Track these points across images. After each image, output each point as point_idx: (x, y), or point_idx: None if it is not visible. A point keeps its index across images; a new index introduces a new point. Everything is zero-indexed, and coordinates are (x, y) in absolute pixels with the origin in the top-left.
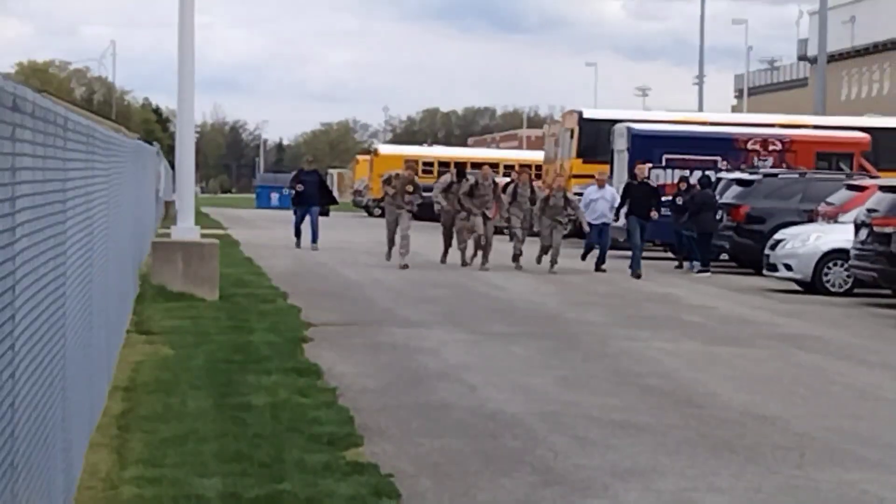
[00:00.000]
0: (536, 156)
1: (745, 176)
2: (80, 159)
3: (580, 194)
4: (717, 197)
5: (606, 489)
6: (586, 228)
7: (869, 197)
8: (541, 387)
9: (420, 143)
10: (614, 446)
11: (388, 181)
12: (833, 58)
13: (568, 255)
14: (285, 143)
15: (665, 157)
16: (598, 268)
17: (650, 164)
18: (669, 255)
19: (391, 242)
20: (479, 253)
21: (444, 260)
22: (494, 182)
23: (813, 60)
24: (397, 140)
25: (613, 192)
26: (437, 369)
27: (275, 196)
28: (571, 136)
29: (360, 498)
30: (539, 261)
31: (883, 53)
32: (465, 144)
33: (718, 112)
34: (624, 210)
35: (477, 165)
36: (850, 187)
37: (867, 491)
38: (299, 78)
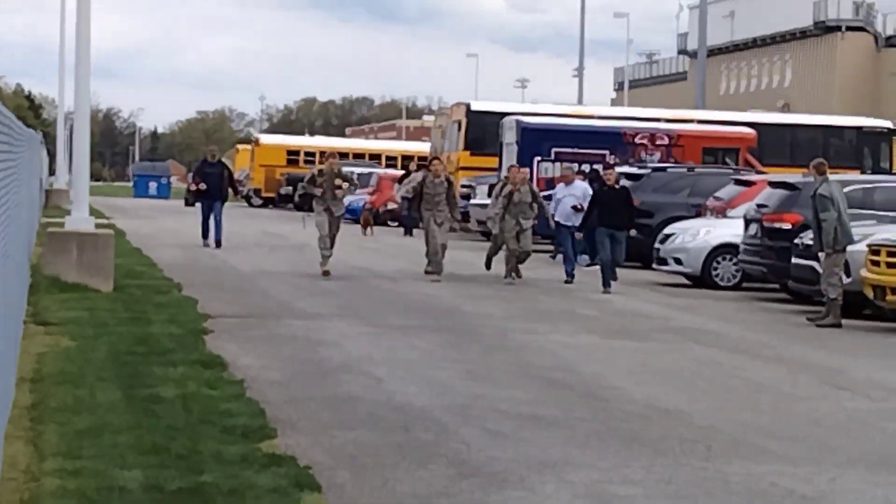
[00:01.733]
0: (417, 147)
1: (634, 170)
2: (4, 150)
3: (468, 187)
4: None
5: (523, 481)
6: (552, 224)
7: (757, 192)
8: (447, 380)
9: (299, 133)
10: (526, 439)
11: (311, 181)
12: (712, 52)
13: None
14: (160, 131)
15: (554, 150)
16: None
17: (539, 157)
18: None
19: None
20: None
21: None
22: (448, 181)
23: (693, 54)
24: (274, 129)
25: (585, 187)
26: (340, 362)
27: (153, 185)
28: (459, 129)
29: (282, 489)
30: (501, 270)
31: (762, 48)
32: (342, 135)
33: (598, 105)
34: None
35: (359, 156)
36: (738, 182)
37: (776, 483)
38: (175, 65)
